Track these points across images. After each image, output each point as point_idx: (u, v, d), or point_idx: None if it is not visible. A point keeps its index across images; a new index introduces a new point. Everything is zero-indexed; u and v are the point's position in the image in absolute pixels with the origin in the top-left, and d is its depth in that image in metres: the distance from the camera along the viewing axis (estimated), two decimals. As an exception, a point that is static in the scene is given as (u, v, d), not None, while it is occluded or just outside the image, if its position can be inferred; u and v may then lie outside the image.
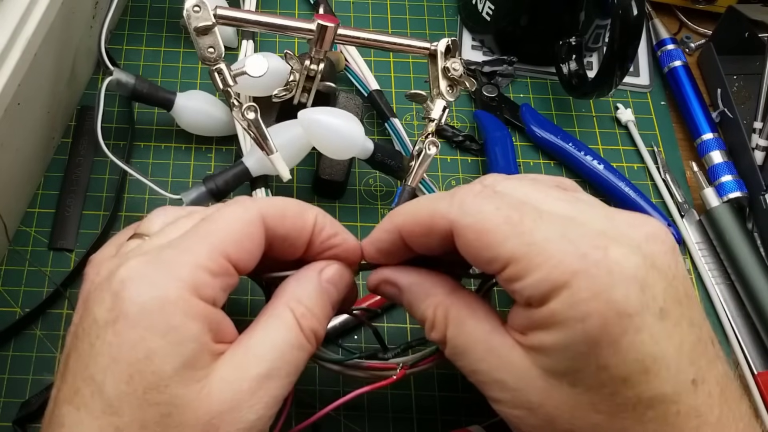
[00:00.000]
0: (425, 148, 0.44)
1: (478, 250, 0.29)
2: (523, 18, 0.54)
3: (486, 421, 0.42)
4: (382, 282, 0.35)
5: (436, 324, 0.32)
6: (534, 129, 0.52)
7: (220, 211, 0.31)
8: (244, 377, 0.29)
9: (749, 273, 0.47)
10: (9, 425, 0.40)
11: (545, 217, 0.29)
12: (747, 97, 0.55)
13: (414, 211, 0.32)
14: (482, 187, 0.31)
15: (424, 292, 0.33)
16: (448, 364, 0.43)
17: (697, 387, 0.28)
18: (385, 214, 0.49)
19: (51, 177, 0.48)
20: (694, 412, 0.28)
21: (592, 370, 0.27)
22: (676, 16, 0.60)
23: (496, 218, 0.29)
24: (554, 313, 0.28)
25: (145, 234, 0.32)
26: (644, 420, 0.27)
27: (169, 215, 0.33)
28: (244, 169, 0.44)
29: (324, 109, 0.44)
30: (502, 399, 0.30)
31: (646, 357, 0.27)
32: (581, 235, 0.28)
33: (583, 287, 0.27)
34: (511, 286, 0.29)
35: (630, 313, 0.27)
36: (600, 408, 0.28)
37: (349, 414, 0.42)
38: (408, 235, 0.32)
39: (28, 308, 0.43)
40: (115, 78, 0.46)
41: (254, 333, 0.31)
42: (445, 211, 0.30)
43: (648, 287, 0.27)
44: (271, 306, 0.32)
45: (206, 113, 0.48)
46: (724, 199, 0.50)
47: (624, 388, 0.27)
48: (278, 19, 0.44)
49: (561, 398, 0.28)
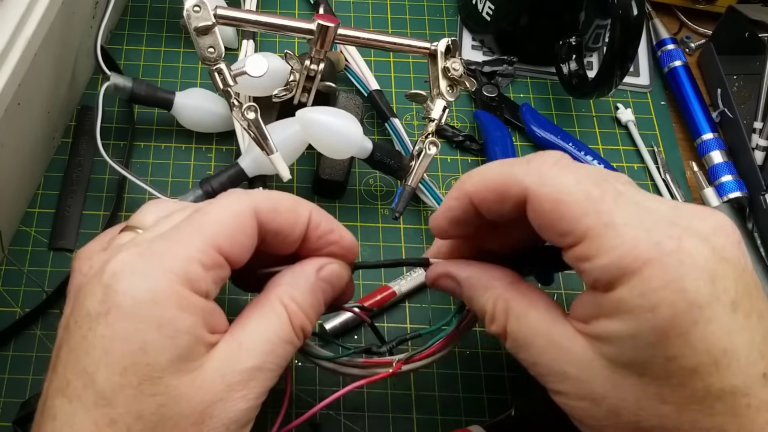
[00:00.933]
0: (425, 148, 0.44)
1: (552, 221, 0.29)
2: (523, 18, 0.54)
3: (486, 421, 0.42)
4: (441, 276, 0.35)
5: (496, 317, 0.32)
6: (534, 129, 0.52)
7: (212, 204, 0.31)
8: (237, 369, 0.29)
9: (749, 273, 0.47)
10: (9, 425, 0.40)
11: (624, 199, 0.28)
12: (747, 97, 0.55)
13: (486, 176, 0.32)
14: (559, 157, 0.30)
15: (483, 285, 0.33)
16: (446, 363, 0.43)
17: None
18: (385, 214, 0.49)
19: (51, 177, 0.48)
20: (765, 405, 0.27)
21: (660, 360, 0.27)
22: (676, 16, 0.60)
23: (577, 191, 0.28)
24: (622, 300, 0.27)
25: (137, 227, 0.32)
26: (713, 412, 0.27)
27: (162, 209, 0.33)
28: (240, 170, 0.44)
29: (322, 109, 0.44)
30: (565, 391, 0.30)
31: (716, 349, 0.27)
32: (655, 223, 0.28)
33: (654, 276, 0.27)
34: (581, 264, 0.28)
35: (701, 304, 0.26)
36: (668, 399, 0.27)
37: (349, 414, 0.42)
38: (479, 200, 0.32)
39: (28, 308, 0.43)
40: (112, 83, 0.46)
41: (247, 325, 0.31)
42: (521, 177, 0.30)
43: (719, 279, 0.27)
44: (265, 298, 0.32)
45: (206, 110, 0.48)
46: (724, 199, 0.50)
47: (693, 380, 0.27)
48: (278, 19, 0.44)
49: (627, 389, 0.28)
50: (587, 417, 0.30)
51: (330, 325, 0.43)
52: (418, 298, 0.46)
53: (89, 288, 0.28)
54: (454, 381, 0.43)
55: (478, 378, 0.43)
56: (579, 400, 0.29)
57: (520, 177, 0.30)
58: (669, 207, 0.29)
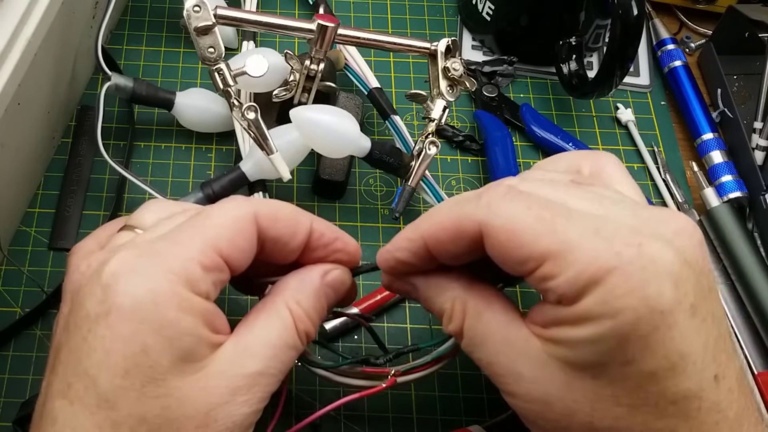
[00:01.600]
0: (425, 148, 0.44)
1: (510, 251, 0.29)
2: (523, 18, 0.54)
3: (486, 421, 0.42)
4: (395, 281, 0.34)
5: (453, 316, 0.32)
6: (534, 129, 0.52)
7: (213, 208, 0.31)
8: (241, 373, 0.29)
9: (749, 273, 0.47)
10: (9, 425, 0.40)
11: (575, 215, 0.28)
12: (747, 97, 0.55)
13: (439, 217, 0.31)
14: (507, 188, 0.30)
15: (441, 287, 0.33)
16: (445, 371, 0.43)
17: (719, 383, 0.28)
18: (385, 214, 0.49)
19: (51, 177, 0.48)
20: (715, 407, 0.28)
21: (617, 364, 0.27)
22: (676, 16, 0.60)
23: (528, 217, 0.28)
24: (587, 310, 0.27)
25: (136, 227, 0.32)
26: (666, 414, 0.27)
27: (162, 210, 0.33)
28: (241, 174, 0.44)
29: (316, 107, 0.44)
30: (518, 392, 0.30)
31: (674, 353, 0.27)
32: (614, 232, 0.28)
33: (617, 284, 0.27)
34: (544, 284, 0.28)
35: (663, 309, 0.27)
36: (622, 401, 0.28)
37: (349, 414, 0.42)
38: (434, 242, 0.31)
39: (28, 308, 0.43)
40: (113, 83, 0.46)
41: (252, 329, 0.31)
42: (472, 214, 0.30)
43: (681, 283, 0.27)
44: (270, 302, 0.32)
45: (206, 109, 0.48)
46: (724, 199, 0.50)
47: (649, 384, 0.27)
48: (278, 19, 0.44)
49: (582, 391, 0.28)
50: (540, 419, 0.30)
51: (330, 325, 0.43)
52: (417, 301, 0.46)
53: (88, 288, 0.28)
54: (454, 381, 0.43)
55: (478, 378, 0.43)
56: (532, 402, 0.29)
57: (473, 213, 0.30)
58: (630, 215, 0.29)
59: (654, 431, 0.28)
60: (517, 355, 0.30)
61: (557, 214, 0.28)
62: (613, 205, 0.29)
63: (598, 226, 0.28)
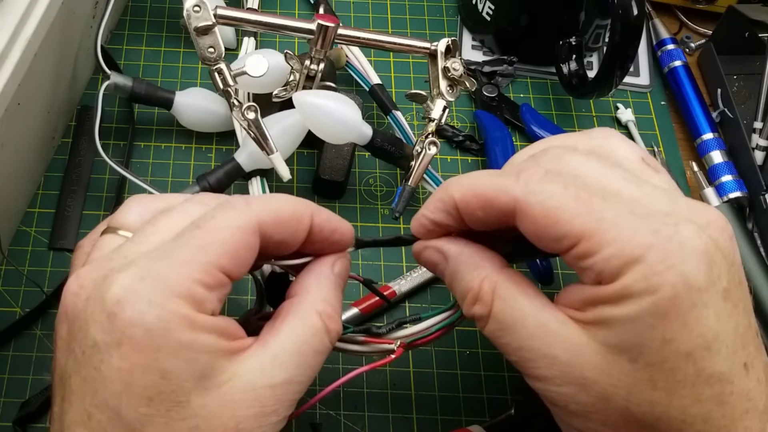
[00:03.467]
0: (425, 148, 0.44)
1: (546, 228, 0.29)
2: (523, 18, 0.54)
3: (486, 421, 0.42)
4: (429, 247, 0.34)
5: (481, 296, 0.31)
6: (534, 129, 0.52)
7: (214, 219, 0.29)
8: (269, 384, 0.29)
9: (749, 273, 0.47)
10: (9, 425, 0.40)
11: (611, 196, 0.29)
12: (747, 97, 0.55)
13: (475, 184, 0.32)
14: (546, 171, 0.30)
15: (473, 263, 0.32)
16: (446, 363, 0.43)
17: (749, 371, 0.28)
18: (385, 214, 0.49)
19: (51, 177, 0.48)
20: (746, 395, 0.28)
21: (657, 344, 0.27)
22: (676, 16, 0.60)
23: (565, 197, 0.29)
24: (627, 287, 0.27)
25: (118, 228, 0.31)
26: (701, 398, 0.28)
27: (145, 207, 0.32)
28: (236, 165, 0.44)
29: (319, 92, 0.44)
30: (550, 376, 0.29)
31: (709, 333, 0.27)
32: (651, 213, 0.28)
33: (656, 260, 0.27)
34: (583, 263, 0.29)
35: (699, 287, 0.27)
36: (659, 385, 0.28)
37: (349, 414, 0.42)
38: (465, 207, 0.32)
39: (28, 308, 0.43)
40: (113, 82, 0.46)
41: (280, 336, 0.30)
42: (510, 189, 0.30)
43: (715, 265, 0.27)
44: (296, 307, 0.31)
45: (206, 109, 0.48)
46: (724, 199, 0.50)
47: (686, 364, 0.27)
48: (278, 19, 0.44)
49: (619, 374, 0.28)
50: (573, 403, 0.29)
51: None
52: (418, 298, 0.46)
53: (90, 315, 0.27)
54: (454, 381, 0.43)
55: (478, 378, 0.43)
56: (564, 386, 0.29)
57: (509, 188, 0.30)
58: (665, 200, 0.29)
59: (690, 416, 0.28)
60: (552, 339, 0.29)
61: (594, 194, 0.29)
62: (651, 190, 0.30)
63: (634, 208, 0.28)
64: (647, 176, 0.32)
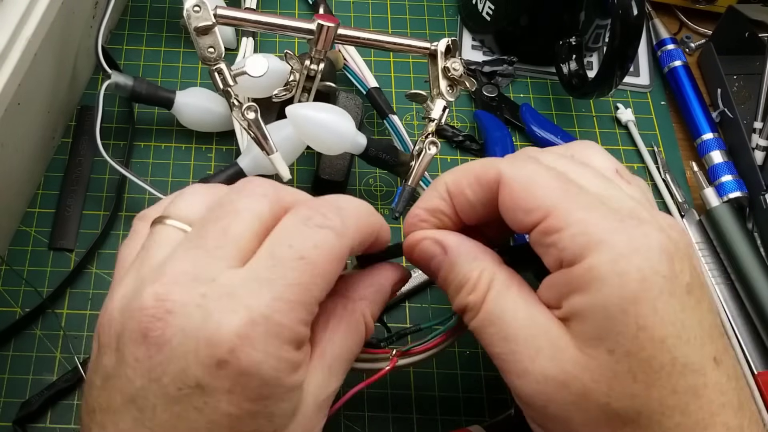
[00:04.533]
0: (425, 148, 0.44)
1: (520, 200, 0.30)
2: (523, 18, 0.54)
3: (486, 421, 0.42)
4: (427, 239, 0.34)
5: (478, 286, 0.31)
6: (534, 129, 0.52)
7: (317, 249, 0.28)
8: (327, 393, 0.30)
9: (749, 273, 0.47)
10: (9, 425, 0.40)
11: (586, 187, 0.30)
12: (747, 97, 0.55)
13: (464, 166, 0.33)
14: (529, 156, 0.32)
15: (473, 255, 0.33)
16: (446, 363, 0.43)
17: (719, 365, 0.28)
18: (385, 214, 0.49)
19: (51, 177, 0.48)
20: (719, 388, 0.28)
21: (632, 330, 0.27)
22: (676, 16, 0.60)
23: (545, 176, 0.30)
24: (592, 268, 0.28)
25: (173, 218, 0.30)
26: (677, 390, 0.28)
27: (204, 199, 0.31)
28: (239, 170, 0.45)
29: (312, 104, 0.44)
30: (532, 370, 0.29)
31: (677, 321, 0.28)
32: (620, 206, 0.30)
33: (622, 243, 0.28)
34: (548, 238, 0.29)
35: (664, 274, 0.28)
36: (638, 376, 0.28)
37: (349, 414, 0.42)
38: (456, 187, 0.33)
39: (28, 308, 0.43)
40: (113, 81, 0.46)
41: (333, 343, 0.31)
42: (494, 164, 0.32)
43: (677, 260, 0.28)
44: (350, 314, 0.32)
45: (206, 109, 0.48)
46: (724, 199, 0.50)
47: (661, 352, 0.27)
48: (278, 19, 0.44)
49: (599, 368, 0.28)
50: (552, 402, 0.29)
51: None
52: (418, 298, 0.46)
53: (191, 354, 0.26)
54: (454, 381, 0.43)
55: (478, 378, 0.43)
56: (545, 383, 0.29)
57: (493, 163, 0.32)
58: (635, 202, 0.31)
59: (668, 408, 0.28)
60: (539, 332, 0.30)
61: (571, 182, 0.30)
62: (618, 192, 0.31)
63: (606, 198, 0.30)
64: (618, 183, 0.32)
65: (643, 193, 0.33)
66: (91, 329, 0.43)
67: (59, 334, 0.43)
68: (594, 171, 0.32)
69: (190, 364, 0.26)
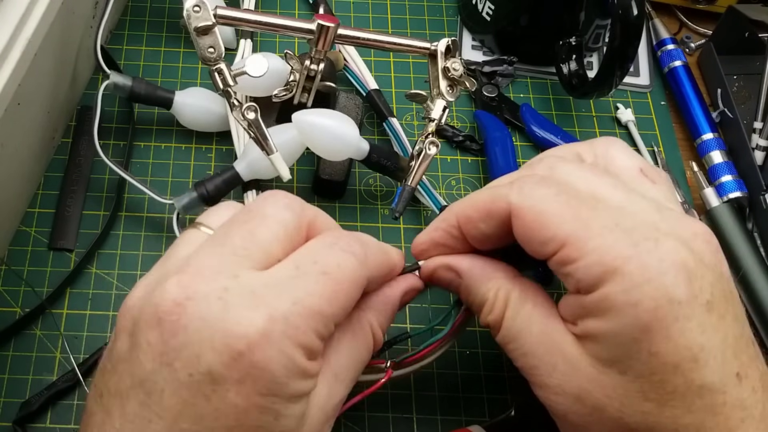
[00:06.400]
0: (425, 148, 0.44)
1: (534, 231, 0.30)
2: (523, 18, 0.54)
3: (486, 421, 0.42)
4: (440, 267, 0.35)
5: (495, 306, 0.32)
6: (534, 129, 0.52)
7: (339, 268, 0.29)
8: (333, 404, 0.30)
9: (749, 273, 0.47)
10: (9, 425, 0.40)
11: (601, 205, 0.30)
12: (747, 97, 0.55)
13: (472, 198, 0.33)
14: (540, 177, 0.32)
15: (486, 276, 0.33)
16: (446, 363, 0.43)
17: (742, 381, 0.28)
18: (385, 214, 0.49)
19: (51, 177, 0.48)
20: (740, 404, 0.28)
21: (643, 356, 0.28)
22: (676, 16, 0.60)
23: (555, 203, 0.30)
24: (606, 298, 0.28)
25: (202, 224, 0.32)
26: (693, 409, 0.28)
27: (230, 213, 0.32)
28: (235, 174, 0.44)
29: (318, 111, 0.44)
30: (550, 384, 0.30)
31: (695, 345, 0.28)
32: (634, 226, 0.29)
33: (635, 273, 0.28)
34: (564, 269, 0.29)
35: (680, 300, 0.28)
36: (650, 396, 0.28)
37: (349, 414, 0.42)
38: (465, 221, 0.33)
39: (28, 308, 0.43)
40: (112, 81, 0.46)
41: (339, 353, 0.31)
42: (505, 195, 0.31)
43: (696, 279, 0.28)
44: (357, 322, 0.32)
45: (206, 109, 0.48)
46: (724, 199, 0.50)
47: (674, 376, 0.28)
48: (278, 19, 0.44)
49: (611, 386, 0.29)
50: (571, 413, 0.30)
51: None
52: (417, 298, 0.46)
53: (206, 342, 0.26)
54: (454, 381, 0.43)
55: (478, 378, 0.43)
56: (563, 395, 0.30)
57: (504, 194, 0.31)
58: (653, 210, 0.30)
59: (683, 426, 0.28)
60: (554, 348, 0.30)
61: (583, 203, 0.30)
62: (639, 199, 0.30)
63: (620, 219, 0.29)
64: (641, 187, 0.32)
65: (667, 193, 0.33)
66: (91, 329, 0.43)
67: (59, 334, 0.43)
68: (613, 180, 0.31)
69: (205, 352, 0.26)
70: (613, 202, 0.30)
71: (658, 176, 0.33)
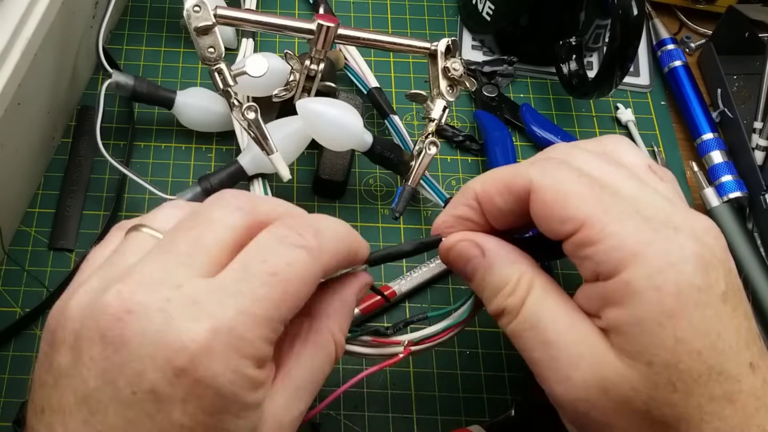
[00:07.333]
0: (425, 148, 0.44)
1: (553, 210, 0.30)
2: (523, 18, 0.54)
3: (486, 421, 0.42)
4: (465, 241, 0.34)
5: (517, 289, 0.32)
6: (534, 129, 0.52)
7: (290, 267, 0.27)
8: (292, 417, 0.29)
9: (749, 273, 0.47)
10: (9, 425, 0.40)
11: (619, 193, 0.30)
12: (747, 97, 0.55)
13: (493, 173, 0.33)
14: (561, 160, 0.32)
15: (512, 258, 0.33)
16: (446, 363, 0.43)
17: (755, 371, 0.29)
18: (385, 214, 0.49)
19: (51, 177, 0.48)
20: (755, 393, 0.28)
21: (670, 343, 0.28)
22: (676, 16, 0.60)
23: (578, 184, 0.30)
24: (629, 283, 0.28)
25: (145, 226, 0.30)
26: (714, 396, 0.28)
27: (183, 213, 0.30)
28: (239, 167, 0.44)
29: (323, 100, 0.44)
30: (574, 377, 0.29)
31: (713, 332, 0.28)
32: (654, 215, 0.29)
33: (657, 258, 0.28)
34: (583, 251, 0.29)
35: (699, 287, 0.28)
36: (678, 386, 0.28)
37: (348, 414, 0.42)
38: (485, 194, 0.33)
39: (28, 308, 0.43)
40: (114, 80, 0.46)
41: (300, 365, 0.30)
42: (525, 172, 0.31)
43: (713, 269, 0.28)
44: (315, 334, 0.31)
45: (207, 109, 0.48)
46: (724, 199, 0.50)
47: (699, 363, 0.28)
48: (278, 19, 0.44)
49: (638, 378, 0.28)
50: (594, 409, 0.29)
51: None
52: (418, 298, 0.46)
53: (148, 358, 0.25)
54: (454, 381, 0.43)
55: (478, 378, 0.43)
56: (588, 389, 0.29)
57: (524, 171, 0.31)
58: (667, 203, 0.30)
59: (707, 414, 0.28)
60: (581, 339, 0.30)
61: (604, 189, 0.30)
62: (652, 192, 0.31)
63: (639, 207, 0.29)
64: (652, 182, 0.32)
65: (675, 190, 0.33)
66: (91, 329, 0.43)
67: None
68: (628, 171, 0.32)
69: (147, 369, 0.25)
70: (629, 192, 0.30)
71: (665, 174, 0.33)
